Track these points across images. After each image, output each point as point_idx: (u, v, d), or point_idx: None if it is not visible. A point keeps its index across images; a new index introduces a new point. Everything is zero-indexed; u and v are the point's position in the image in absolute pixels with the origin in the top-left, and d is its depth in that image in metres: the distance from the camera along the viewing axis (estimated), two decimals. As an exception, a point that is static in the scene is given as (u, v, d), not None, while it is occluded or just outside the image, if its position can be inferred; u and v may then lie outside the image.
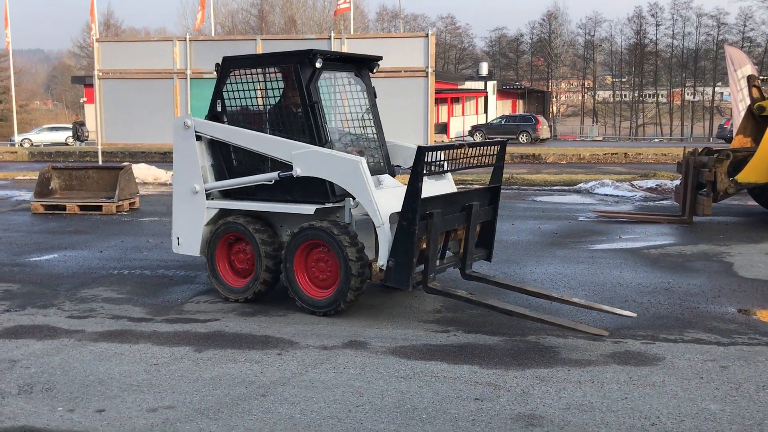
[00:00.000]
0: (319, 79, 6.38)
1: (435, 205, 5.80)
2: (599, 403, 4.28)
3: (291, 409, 4.20)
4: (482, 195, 6.44)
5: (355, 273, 5.84)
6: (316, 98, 6.26)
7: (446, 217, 5.93)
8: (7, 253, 8.79)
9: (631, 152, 25.18)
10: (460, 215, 6.12)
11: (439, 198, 5.97)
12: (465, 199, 6.18)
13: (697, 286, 7.05)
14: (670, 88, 73.12)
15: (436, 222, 5.73)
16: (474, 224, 6.23)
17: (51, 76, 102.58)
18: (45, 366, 4.93)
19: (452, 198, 6.12)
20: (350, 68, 6.82)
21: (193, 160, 6.74)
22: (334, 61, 6.71)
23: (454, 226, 6.10)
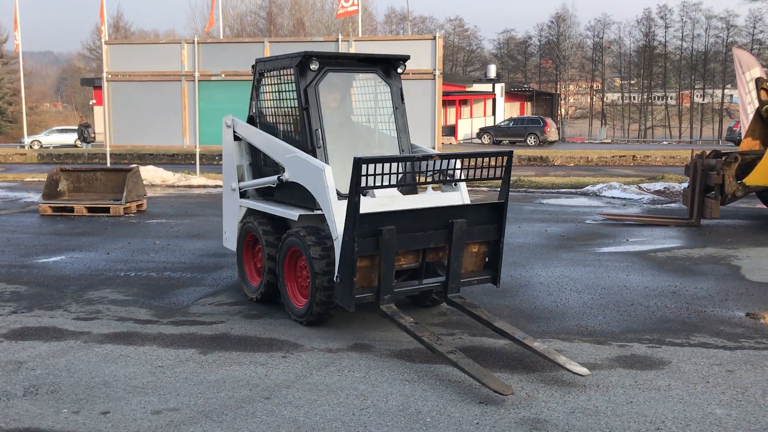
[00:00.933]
0: (321, 81, 6.16)
1: (391, 220, 5.24)
2: (604, 408, 4.27)
3: (295, 412, 4.21)
4: (477, 212, 5.66)
5: (319, 286, 5.61)
6: (310, 102, 6.06)
7: (413, 235, 5.37)
8: (15, 255, 8.83)
9: (639, 155, 25.09)
10: (438, 233, 5.48)
11: (402, 213, 5.34)
12: (447, 215, 5.51)
13: (704, 290, 7.01)
14: (679, 90, 72.92)
15: (387, 239, 5.18)
16: (458, 244, 5.52)
17: (61, 78, 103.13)
18: (51, 367, 4.95)
19: (425, 214, 5.44)
20: (373, 69, 6.44)
21: (231, 158, 7.00)
22: (352, 61, 6.48)
23: (427, 244, 5.47)
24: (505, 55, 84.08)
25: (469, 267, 5.78)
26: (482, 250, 5.79)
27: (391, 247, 5.24)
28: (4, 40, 70.73)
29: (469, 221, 5.55)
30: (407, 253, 5.51)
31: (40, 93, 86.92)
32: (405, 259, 5.54)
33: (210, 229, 10.76)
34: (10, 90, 64.59)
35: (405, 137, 6.47)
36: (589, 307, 6.44)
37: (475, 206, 5.76)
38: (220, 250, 9.06)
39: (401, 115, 6.47)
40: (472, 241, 5.66)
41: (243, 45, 18.02)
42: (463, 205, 5.87)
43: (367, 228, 5.16)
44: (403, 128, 6.48)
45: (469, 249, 5.71)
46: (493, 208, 5.69)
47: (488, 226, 5.69)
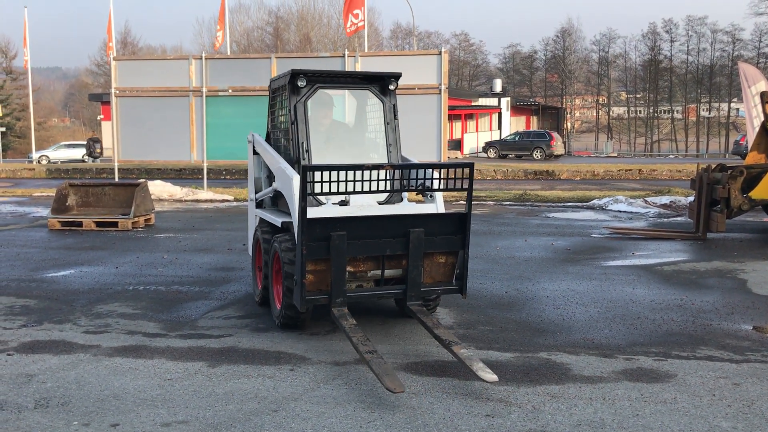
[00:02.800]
0: (311, 97, 6.38)
1: (343, 226, 5.41)
2: (610, 420, 4.28)
3: (303, 425, 4.24)
4: (438, 222, 5.73)
5: (287, 288, 5.80)
6: (298, 117, 6.27)
7: (369, 242, 5.51)
8: (24, 269, 8.91)
9: (646, 168, 25.13)
10: (395, 242, 5.57)
11: (356, 220, 5.51)
12: (405, 224, 5.58)
13: (710, 303, 7.03)
14: (685, 104, 73.01)
15: (337, 244, 5.36)
16: (416, 253, 5.60)
17: (69, 94, 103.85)
18: (61, 380, 4.99)
19: (381, 222, 5.57)
20: (365, 86, 6.66)
21: (251, 171, 7.47)
22: (344, 78, 6.76)
23: (384, 251, 5.58)
24: (510, 69, 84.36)
25: (436, 277, 5.89)
26: (450, 260, 5.86)
27: (342, 252, 5.41)
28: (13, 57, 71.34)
29: (431, 231, 5.64)
30: (367, 259, 5.67)
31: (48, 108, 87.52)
32: (365, 265, 5.70)
33: (217, 243, 10.83)
34: (19, 105, 65.11)
35: (395, 151, 6.60)
36: (596, 320, 6.46)
37: (434, 216, 5.86)
38: (227, 264, 9.12)
39: (392, 130, 6.61)
40: (437, 251, 5.76)
41: (250, 61, 18.19)
42: (421, 215, 5.88)
43: (318, 233, 5.35)
44: (394, 143, 6.61)
45: (436, 259, 5.82)
46: (455, 219, 5.74)
47: (451, 237, 5.73)
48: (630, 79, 78.16)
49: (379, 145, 6.70)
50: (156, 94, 17.57)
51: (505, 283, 7.95)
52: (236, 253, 9.93)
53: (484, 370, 4.81)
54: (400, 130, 6.69)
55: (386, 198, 6.41)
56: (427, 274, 5.85)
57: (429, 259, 5.79)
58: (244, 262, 9.16)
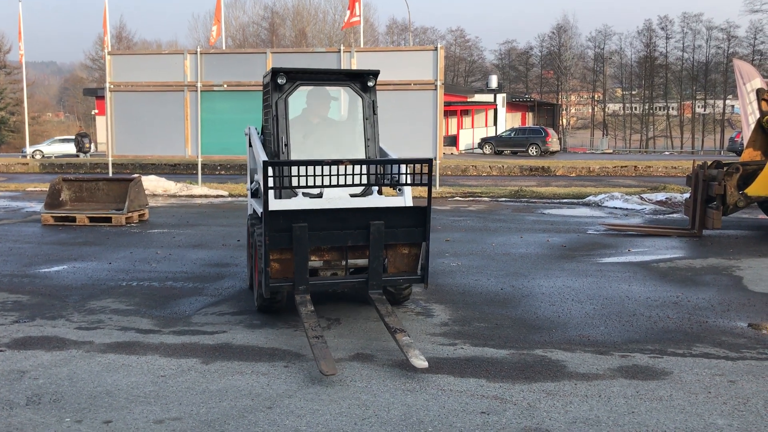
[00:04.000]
0: (292, 94, 6.67)
1: (304, 218, 5.67)
2: (606, 417, 4.26)
3: (297, 422, 4.21)
4: (398, 215, 5.94)
5: (259, 276, 6.06)
6: (279, 112, 6.58)
7: (331, 233, 5.77)
8: (17, 264, 8.85)
9: (641, 165, 25.13)
10: (357, 233, 5.82)
11: (317, 212, 5.77)
12: (367, 216, 5.82)
13: (706, 300, 7.02)
14: (681, 100, 73.10)
15: (299, 235, 5.63)
16: (377, 244, 5.83)
17: (63, 89, 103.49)
18: (53, 377, 4.95)
19: (342, 214, 5.83)
20: (345, 83, 6.92)
21: (249, 164, 7.66)
22: (325, 75, 7.06)
23: (345, 242, 5.84)
24: (506, 65, 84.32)
25: (400, 267, 6.14)
26: (413, 251, 6.09)
27: (304, 243, 5.68)
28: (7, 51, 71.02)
29: (392, 224, 5.87)
30: (332, 249, 5.95)
31: (42, 103, 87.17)
32: (329, 255, 5.99)
33: (212, 239, 10.79)
34: (13, 100, 64.78)
35: (372, 145, 6.84)
36: (591, 317, 6.45)
37: (395, 209, 6.05)
38: (221, 260, 9.08)
39: (371, 125, 6.85)
40: (400, 243, 6.00)
41: (245, 56, 18.13)
42: (382, 208, 6.03)
43: (282, 224, 5.64)
44: (372, 137, 6.85)
45: (399, 250, 6.06)
46: (414, 212, 5.97)
47: (413, 229, 5.96)
48: (625, 75, 78.23)
49: (360, 139, 6.91)
50: (151, 89, 17.50)
51: (500, 280, 7.92)
52: (230, 249, 9.89)
53: (417, 357, 5.06)
54: (379, 126, 6.93)
55: (362, 191, 6.67)
56: (392, 264, 6.11)
57: (393, 250, 6.04)
58: (239, 258, 9.13)
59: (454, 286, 7.66)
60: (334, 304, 6.92)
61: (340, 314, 6.55)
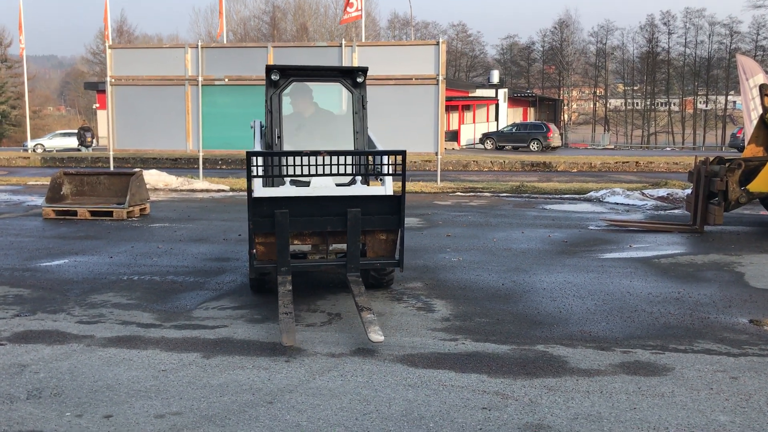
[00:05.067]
0: (286, 89, 7.17)
1: (286, 205, 6.05)
2: (607, 414, 4.25)
3: (298, 417, 4.20)
4: (374, 203, 6.30)
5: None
6: (273, 107, 7.10)
7: (311, 219, 6.16)
8: (18, 258, 8.84)
9: (643, 161, 25.11)
10: (335, 219, 6.19)
11: (298, 199, 6.18)
12: (344, 204, 6.20)
13: (707, 296, 7.00)
14: (683, 96, 73.00)
15: (280, 220, 5.99)
16: (354, 230, 6.18)
17: (64, 82, 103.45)
18: (54, 371, 4.95)
19: (322, 201, 6.20)
20: (336, 78, 7.35)
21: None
22: (317, 71, 7.46)
23: (325, 228, 6.22)
24: (508, 60, 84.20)
25: (379, 252, 6.49)
26: (390, 237, 6.42)
27: (285, 228, 6.03)
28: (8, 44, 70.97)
29: (369, 211, 6.21)
30: (313, 234, 6.33)
31: (43, 97, 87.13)
32: (311, 239, 6.39)
33: (213, 233, 10.78)
34: (14, 94, 64.75)
35: (361, 138, 7.25)
36: (593, 312, 6.43)
37: (371, 198, 6.41)
38: (223, 254, 9.07)
39: (360, 119, 7.26)
40: (377, 229, 6.35)
41: (247, 50, 18.07)
42: (359, 196, 6.40)
43: (265, 209, 6.01)
44: (361, 130, 7.25)
45: (377, 236, 6.41)
46: (389, 201, 6.33)
47: (388, 217, 6.29)
48: (627, 71, 78.11)
49: (349, 133, 7.33)
50: (152, 83, 17.46)
51: (501, 275, 7.91)
52: (232, 243, 9.88)
53: (375, 332, 5.44)
54: (368, 119, 7.36)
55: (349, 181, 7.07)
56: (371, 249, 6.48)
57: (371, 236, 6.39)
58: (240, 253, 9.12)
59: (456, 281, 7.65)
60: (334, 298, 6.91)
61: (341, 309, 6.54)
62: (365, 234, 6.35)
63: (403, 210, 6.26)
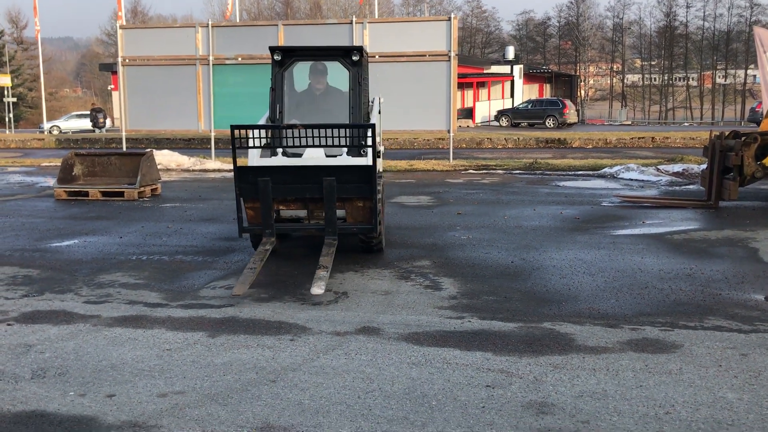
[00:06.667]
0: (288, 68, 7.65)
1: (268, 174, 6.58)
2: (613, 391, 4.20)
3: (300, 395, 4.18)
4: (347, 173, 6.67)
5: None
6: (276, 85, 7.60)
7: (291, 186, 6.64)
8: (28, 239, 8.88)
9: (659, 136, 24.81)
10: (313, 187, 6.63)
11: (279, 168, 6.75)
12: (321, 173, 6.61)
13: (720, 272, 6.90)
14: (701, 71, 72.01)
15: (263, 188, 6.52)
16: (329, 197, 6.60)
17: (80, 64, 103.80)
18: (59, 351, 4.96)
19: (301, 171, 6.66)
20: (335, 57, 7.73)
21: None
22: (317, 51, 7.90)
23: (304, 195, 6.69)
24: (524, 36, 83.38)
25: (357, 218, 6.96)
26: (367, 205, 6.81)
27: (267, 194, 6.57)
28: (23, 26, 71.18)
29: (344, 180, 6.60)
30: (296, 200, 6.83)
31: (59, 79, 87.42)
32: (294, 205, 6.94)
33: (223, 213, 10.77)
34: (30, 76, 65.03)
35: (357, 113, 7.59)
36: (602, 290, 6.36)
37: (345, 168, 6.79)
38: (232, 234, 9.07)
39: (356, 96, 7.60)
40: (354, 197, 6.75)
41: (257, 28, 17.96)
42: (334, 166, 6.80)
43: (250, 178, 6.59)
44: (356, 105, 7.59)
45: (355, 203, 6.83)
46: (361, 170, 6.67)
47: (362, 185, 6.65)
48: (645, 45, 77.11)
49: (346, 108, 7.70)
50: (163, 63, 17.42)
51: (511, 253, 7.84)
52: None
53: (318, 286, 5.97)
54: (365, 96, 7.77)
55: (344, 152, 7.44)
56: (349, 215, 6.95)
57: (350, 203, 6.82)
58: (249, 233, 9.10)
59: (464, 259, 7.59)
60: (342, 277, 6.89)
61: (348, 288, 6.52)
62: (344, 201, 6.78)
63: (374, 179, 6.62)
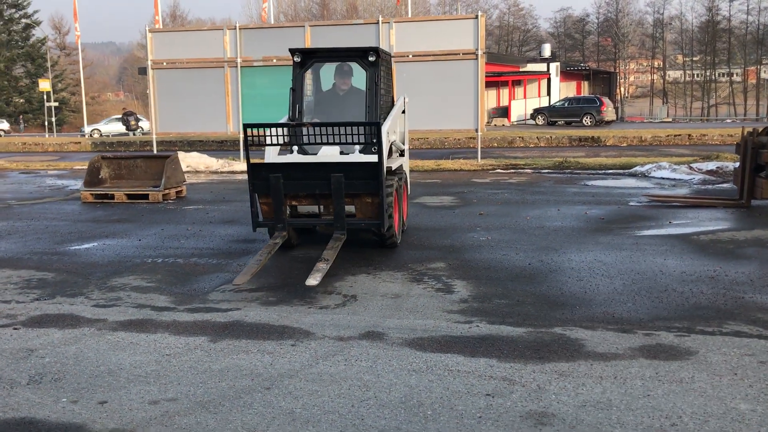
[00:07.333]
0: (308, 69, 7.99)
1: (280, 170, 6.88)
2: (618, 401, 4.02)
3: (293, 403, 4.08)
4: (355, 170, 6.84)
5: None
6: (296, 86, 7.89)
7: (302, 182, 6.89)
8: (50, 242, 8.95)
9: (696, 133, 24.25)
10: (322, 183, 6.83)
11: (289, 165, 7.03)
12: (329, 170, 6.82)
13: (745, 275, 6.63)
14: (745, 66, 70.37)
15: (274, 184, 6.82)
16: (338, 193, 6.79)
17: (122, 68, 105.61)
18: (60, 355, 4.94)
19: (311, 168, 6.93)
20: (353, 58, 7.97)
21: None
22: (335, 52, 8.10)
23: (314, 191, 6.91)
24: (562, 33, 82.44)
25: (366, 214, 7.07)
26: (375, 201, 6.94)
27: (279, 190, 6.85)
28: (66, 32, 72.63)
29: (352, 176, 6.77)
30: (307, 196, 7.04)
31: (102, 83, 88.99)
32: (306, 200, 7.12)
33: (244, 214, 10.74)
34: (73, 80, 66.27)
35: (372, 112, 7.72)
36: (619, 293, 6.15)
37: (352, 164, 6.92)
38: (250, 236, 9.03)
39: (373, 95, 7.77)
40: (362, 193, 6.90)
41: (284, 30, 17.98)
42: (342, 163, 6.96)
43: (263, 174, 6.89)
44: (372, 105, 7.73)
45: (363, 199, 6.96)
46: (367, 168, 6.83)
47: (370, 182, 6.81)
48: (686, 41, 75.61)
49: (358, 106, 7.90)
50: (191, 66, 17.53)
51: (529, 254, 7.66)
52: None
53: (313, 278, 6.05)
54: (383, 96, 7.92)
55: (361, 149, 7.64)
56: (359, 211, 7.08)
57: (358, 199, 6.97)
58: (266, 232, 9.04)
59: (480, 261, 7.43)
60: (353, 279, 6.78)
61: (357, 291, 6.41)
62: (353, 197, 6.94)
63: (381, 175, 6.77)
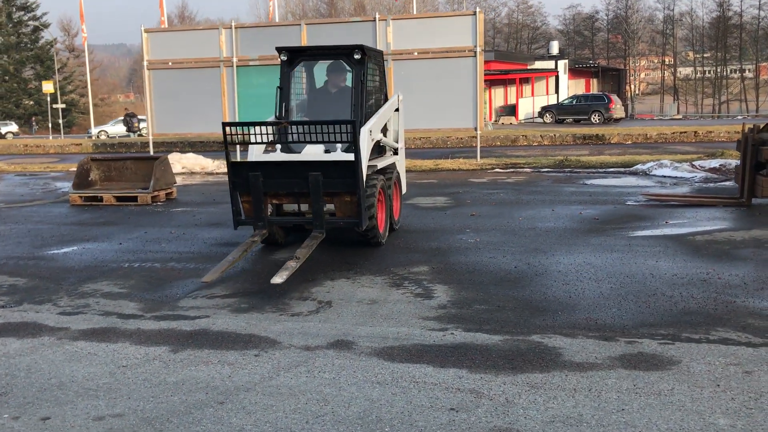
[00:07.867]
0: (296, 68, 8.03)
1: (259, 169, 6.89)
2: (590, 416, 3.77)
3: (244, 420, 3.85)
4: (332, 168, 6.81)
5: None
6: (283, 84, 7.97)
7: (281, 181, 6.88)
8: (29, 246, 8.76)
9: (701, 130, 23.86)
10: (301, 182, 6.82)
11: (268, 164, 7.00)
12: (307, 168, 6.79)
13: (739, 277, 6.35)
14: (756, 62, 69.65)
15: (254, 183, 6.85)
16: (316, 191, 6.79)
17: (132, 70, 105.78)
18: (12, 367, 4.73)
19: (289, 166, 6.90)
20: (338, 57, 7.97)
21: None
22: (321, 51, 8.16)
23: (293, 189, 6.91)
24: (571, 31, 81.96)
25: (345, 212, 7.02)
26: (354, 200, 6.91)
27: (258, 188, 6.89)
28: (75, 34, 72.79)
29: (329, 175, 6.76)
30: (287, 194, 7.05)
31: (111, 85, 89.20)
32: (286, 199, 7.16)
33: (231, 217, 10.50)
34: (82, 82, 66.37)
35: (357, 110, 7.67)
36: (605, 297, 5.89)
37: (330, 163, 6.89)
38: (233, 239, 8.82)
39: (359, 93, 7.72)
40: (342, 191, 6.86)
41: (280, 28, 17.76)
42: (319, 162, 6.94)
43: (243, 172, 6.90)
44: (358, 103, 7.68)
45: (342, 198, 6.92)
46: (344, 166, 6.79)
47: (348, 180, 6.77)
48: (697, 37, 74.93)
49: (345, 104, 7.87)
50: (187, 66, 17.34)
51: (516, 257, 7.39)
52: (247, 228, 9.57)
53: (280, 276, 6.02)
54: (366, 94, 7.81)
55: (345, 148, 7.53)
56: (338, 209, 7.03)
57: (338, 198, 6.93)
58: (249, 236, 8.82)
59: (465, 264, 7.17)
60: (331, 284, 6.55)
61: (334, 297, 6.17)
62: (332, 196, 6.90)
63: (359, 174, 6.73)
